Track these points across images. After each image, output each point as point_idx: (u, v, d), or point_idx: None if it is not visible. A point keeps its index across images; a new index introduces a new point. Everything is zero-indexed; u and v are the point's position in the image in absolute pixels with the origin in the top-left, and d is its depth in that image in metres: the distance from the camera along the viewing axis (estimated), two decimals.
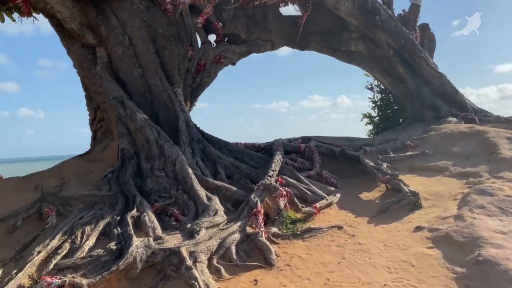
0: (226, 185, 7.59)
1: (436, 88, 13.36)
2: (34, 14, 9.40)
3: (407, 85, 13.47)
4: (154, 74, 9.24)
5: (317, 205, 7.83)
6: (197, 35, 10.84)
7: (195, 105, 11.40)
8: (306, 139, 11.38)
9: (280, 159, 8.71)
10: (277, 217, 7.33)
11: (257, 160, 9.16)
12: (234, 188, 7.58)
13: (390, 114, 14.31)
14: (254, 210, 6.81)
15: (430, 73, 13.29)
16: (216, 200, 6.92)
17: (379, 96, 14.52)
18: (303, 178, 8.95)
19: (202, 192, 6.99)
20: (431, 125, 12.28)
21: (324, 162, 10.67)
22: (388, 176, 8.74)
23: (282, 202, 7.53)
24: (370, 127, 15.02)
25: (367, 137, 14.67)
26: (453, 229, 6.11)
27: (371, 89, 14.62)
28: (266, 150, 10.32)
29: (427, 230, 6.35)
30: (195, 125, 9.35)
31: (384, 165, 9.93)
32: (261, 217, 6.83)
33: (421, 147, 11.12)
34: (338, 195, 8.67)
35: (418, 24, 14.04)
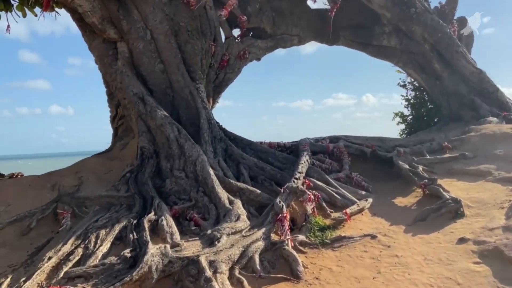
0: (249, 187, 7.14)
1: (474, 86, 12.52)
2: (56, 9, 9.22)
3: (444, 82, 12.67)
4: (176, 70, 8.88)
5: (348, 210, 7.28)
6: (221, 29, 10.43)
7: (218, 102, 11.00)
8: (334, 139, 10.80)
9: (307, 160, 8.19)
10: (304, 223, 6.83)
11: (283, 161, 8.67)
12: (258, 191, 7.12)
13: (424, 113, 13.51)
14: (280, 215, 6.34)
15: (468, 69, 12.45)
16: (238, 203, 6.48)
17: (413, 94, 13.71)
18: (331, 180, 8.41)
19: (223, 195, 6.56)
20: (470, 125, 11.48)
21: (354, 163, 10.08)
22: (426, 180, 8.08)
23: (309, 207, 7.02)
24: (402, 126, 14.27)
25: (399, 137, 13.91)
26: (502, 242, 5.46)
27: (403, 86, 13.85)
28: (292, 150, 9.81)
29: (473, 243, 5.72)
30: (217, 123, 8.94)
31: (420, 168, 9.26)
32: (287, 224, 6.35)
33: (460, 149, 10.37)
34: (370, 200, 8.08)
35: (455, 17, 13.20)
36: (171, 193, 6.92)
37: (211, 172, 6.84)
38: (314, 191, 7.64)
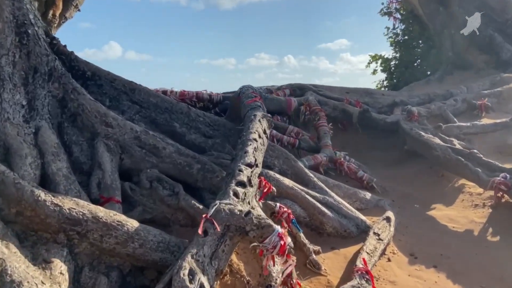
0: (108, 213, 2.51)
1: (495, 16, 8.89)
2: None
3: (451, 9, 8.84)
4: None
5: (365, 257, 3.13)
6: None
7: (79, 9, 5.89)
8: (298, 89, 6.49)
9: (264, 132, 3.68)
10: None
11: (206, 130, 4.16)
12: (134, 223, 2.55)
13: (417, 57, 9.57)
14: None
15: None
16: None
17: (403, 27, 9.62)
18: (310, 174, 4.13)
19: None
20: (501, 73, 8.00)
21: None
22: (507, 175, 4.08)
23: (278, 266, 2.67)
24: (382, 76, 10.18)
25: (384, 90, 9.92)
26: None
27: (388, 14, 9.65)
28: (226, 108, 5.33)
29: None
30: (47, 32, 3.97)
31: (456, 143, 5.41)
32: None
33: (500, 109, 6.74)
34: (391, 215, 3.98)
35: None
36: None
37: None
38: (280, 205, 3.35)
